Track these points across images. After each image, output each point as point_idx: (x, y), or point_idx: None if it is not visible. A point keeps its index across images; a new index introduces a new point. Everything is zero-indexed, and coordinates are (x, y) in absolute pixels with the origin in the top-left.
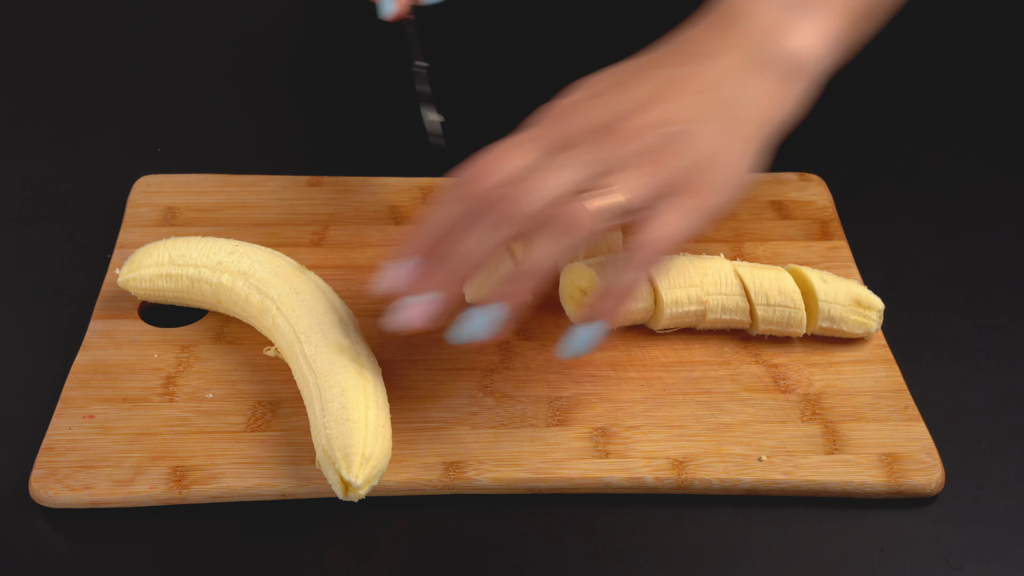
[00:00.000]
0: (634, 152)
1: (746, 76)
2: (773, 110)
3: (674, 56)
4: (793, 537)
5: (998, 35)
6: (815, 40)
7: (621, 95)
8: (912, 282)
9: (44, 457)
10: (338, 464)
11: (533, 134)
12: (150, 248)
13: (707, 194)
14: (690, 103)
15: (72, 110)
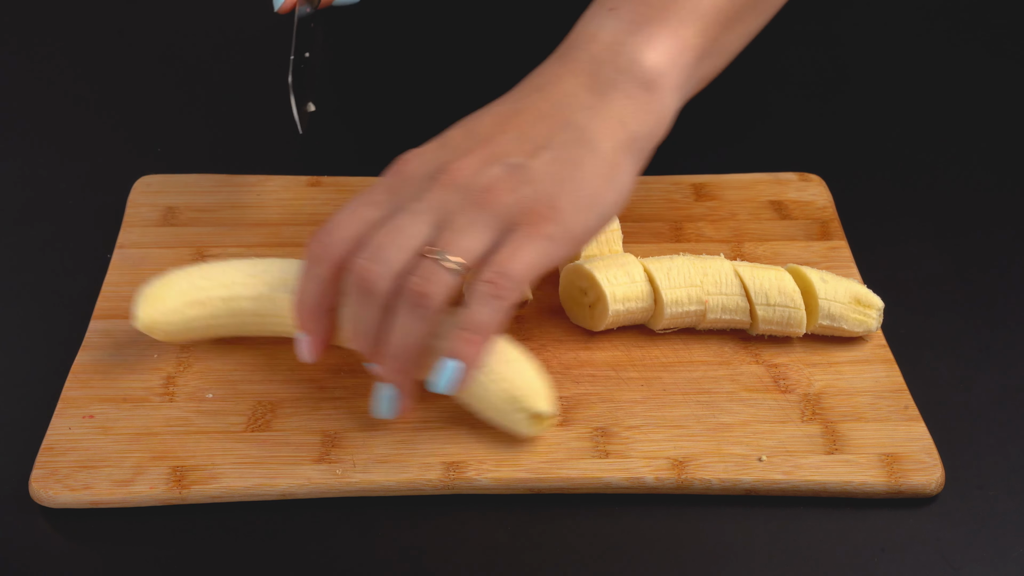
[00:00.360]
0: (467, 195)
1: (587, 97)
2: (623, 127)
3: (515, 93)
4: (793, 537)
5: (998, 35)
6: (660, 53)
7: (460, 138)
8: (912, 282)
9: (44, 457)
10: (527, 403)
11: (376, 189)
12: (161, 283)
13: (555, 221)
14: (523, 135)
15: (72, 110)
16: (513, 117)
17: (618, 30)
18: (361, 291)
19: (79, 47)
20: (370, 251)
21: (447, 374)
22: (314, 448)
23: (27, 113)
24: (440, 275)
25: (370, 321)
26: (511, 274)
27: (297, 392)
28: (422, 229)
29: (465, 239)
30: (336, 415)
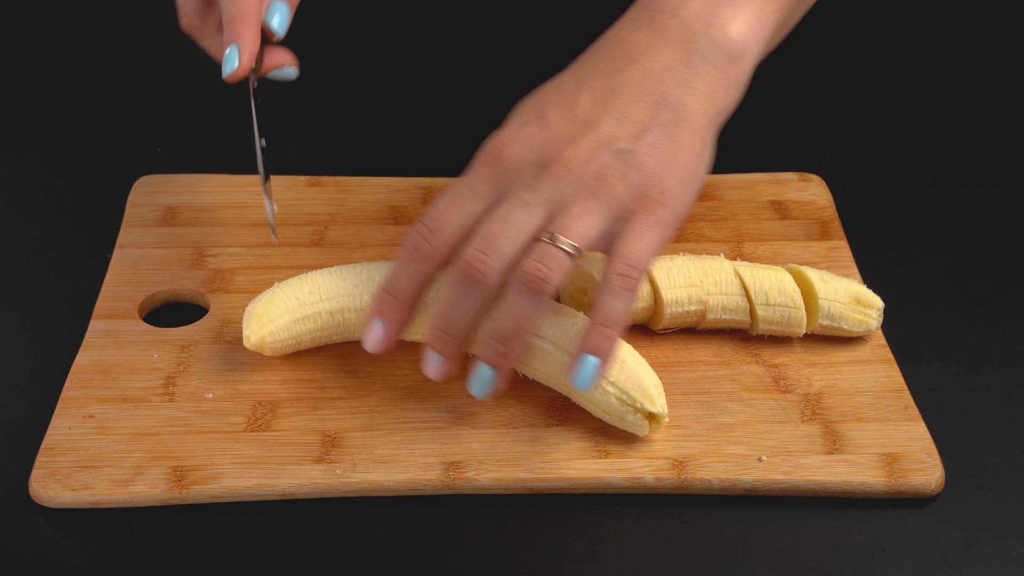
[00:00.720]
0: (580, 184)
1: (680, 71)
2: (714, 101)
3: (604, 62)
4: (793, 537)
5: (998, 35)
6: (746, 25)
7: (560, 118)
8: (912, 282)
9: (44, 457)
10: (639, 403)
11: (477, 177)
12: (267, 301)
13: (665, 204)
14: (626, 116)
15: (72, 110)
16: (611, 95)
17: (703, 3)
18: (471, 282)
19: (80, 47)
20: (482, 242)
21: (588, 370)
22: (314, 448)
23: (27, 113)
24: (558, 258)
25: (473, 312)
26: (640, 264)
27: (297, 392)
28: (534, 220)
29: (580, 226)
30: (336, 415)
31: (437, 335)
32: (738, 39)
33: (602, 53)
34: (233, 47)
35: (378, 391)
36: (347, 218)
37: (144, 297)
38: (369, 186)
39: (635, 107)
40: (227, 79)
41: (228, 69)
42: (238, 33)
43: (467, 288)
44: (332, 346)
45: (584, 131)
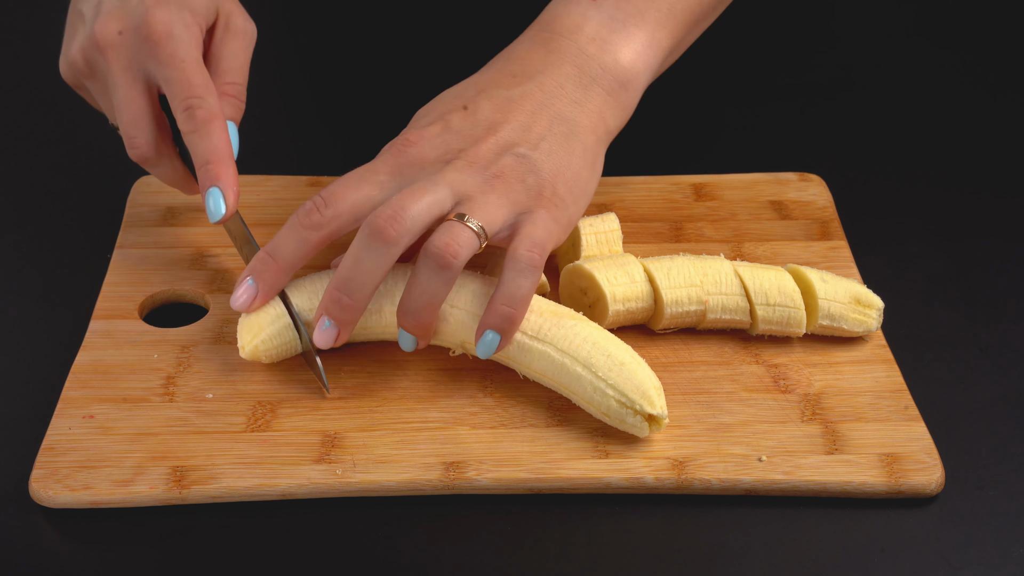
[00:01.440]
0: (483, 178)
1: (573, 91)
2: (603, 121)
3: (502, 76)
4: (793, 537)
5: (998, 35)
6: (636, 53)
7: (462, 122)
8: (912, 282)
9: (44, 457)
10: (639, 405)
11: (379, 165)
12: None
13: (559, 207)
14: (526, 123)
15: (72, 110)
16: (510, 104)
17: (601, 25)
18: (380, 239)
19: None
20: (394, 205)
21: (487, 345)
22: (314, 448)
23: (27, 113)
24: (466, 235)
25: (376, 274)
26: (543, 246)
27: (297, 392)
28: (442, 200)
29: (484, 213)
30: (336, 415)
31: (335, 296)
32: (628, 66)
33: (499, 68)
34: (215, 191)
35: (378, 391)
36: None
37: (144, 297)
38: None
39: (532, 118)
40: (217, 223)
41: (217, 214)
42: (218, 175)
43: (375, 245)
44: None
45: (486, 134)
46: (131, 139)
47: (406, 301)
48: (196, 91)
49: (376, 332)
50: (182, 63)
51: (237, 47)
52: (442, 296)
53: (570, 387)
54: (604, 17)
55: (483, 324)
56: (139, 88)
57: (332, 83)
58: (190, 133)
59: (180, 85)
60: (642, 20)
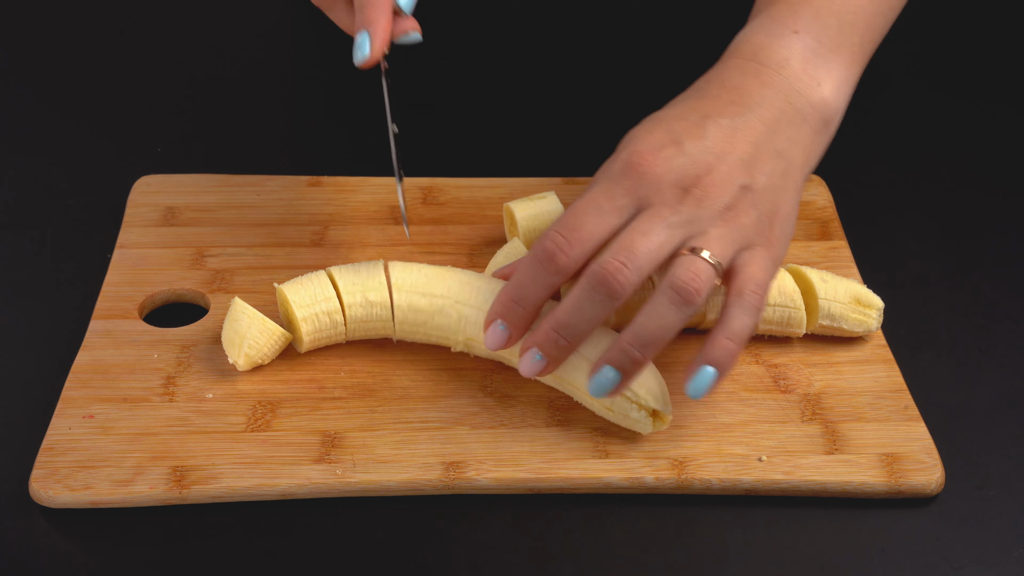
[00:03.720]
0: (716, 211)
1: (789, 127)
2: (808, 160)
3: (721, 104)
4: (793, 537)
5: (998, 35)
6: (837, 88)
7: (694, 146)
8: (912, 282)
9: (44, 457)
10: (644, 399)
11: (617, 187)
12: (227, 325)
13: (775, 245)
14: (752, 156)
15: (72, 110)
16: (735, 134)
17: (806, 60)
18: (606, 291)
19: (80, 47)
20: (622, 252)
21: (705, 380)
22: (314, 448)
23: (27, 113)
24: (708, 272)
25: (597, 321)
26: (766, 288)
27: (297, 392)
28: (674, 239)
29: (717, 247)
30: (336, 415)
31: (552, 337)
32: (831, 102)
33: (716, 95)
34: (364, 34)
35: (378, 391)
36: (347, 218)
37: (144, 297)
38: (369, 186)
39: (756, 151)
40: (359, 65)
41: (360, 56)
42: (370, 19)
43: (600, 296)
44: (332, 346)
45: (717, 162)
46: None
47: (638, 334)
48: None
49: (554, 379)
50: None
51: None
52: (674, 333)
53: (573, 382)
54: (807, 51)
55: (704, 358)
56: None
57: (333, 83)
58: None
59: None
60: (839, 53)
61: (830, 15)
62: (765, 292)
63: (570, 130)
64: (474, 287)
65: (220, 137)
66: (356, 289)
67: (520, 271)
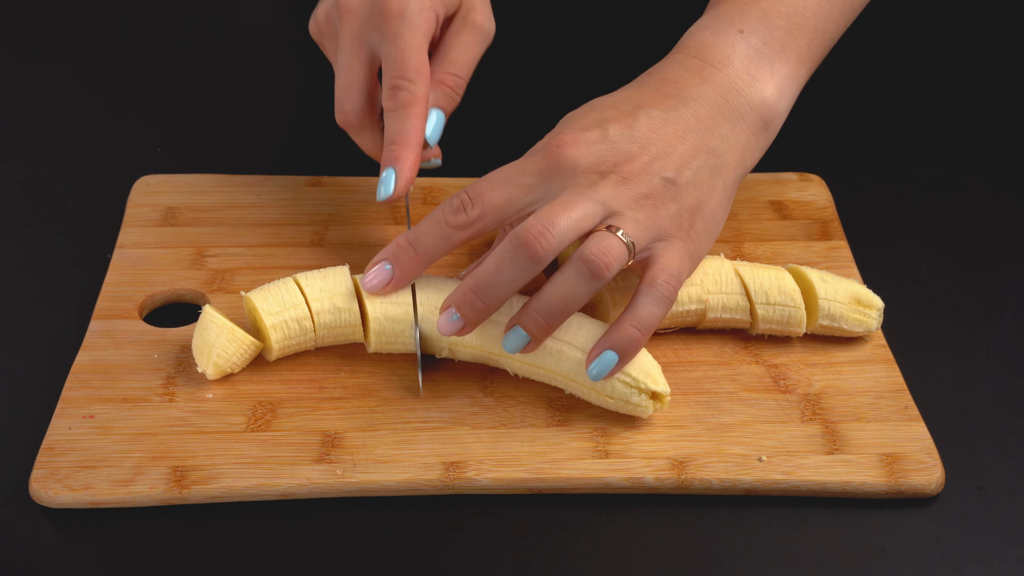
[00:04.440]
0: (633, 196)
1: (724, 125)
2: (745, 159)
3: (657, 96)
4: (793, 537)
5: (998, 35)
6: (780, 89)
7: (619, 134)
8: (912, 282)
9: (44, 457)
10: (643, 383)
11: (529, 166)
12: (196, 335)
13: (695, 240)
14: (679, 150)
15: (72, 110)
16: (666, 127)
17: (749, 59)
18: (528, 253)
19: (79, 47)
20: (545, 219)
21: (606, 364)
22: (314, 448)
23: (27, 113)
24: (620, 248)
25: (516, 284)
26: (680, 279)
27: (297, 392)
28: (593, 215)
29: (633, 230)
30: (336, 415)
31: (469, 297)
32: (772, 103)
33: (654, 87)
34: (391, 172)
35: (378, 391)
36: (347, 218)
37: (144, 297)
38: (369, 186)
39: (685, 145)
40: (381, 201)
41: (384, 193)
42: (398, 157)
43: (521, 258)
44: (332, 346)
45: (640, 152)
46: (340, 103)
47: (543, 302)
48: (407, 73)
49: (545, 373)
50: (404, 44)
51: (469, 41)
52: (580, 304)
53: (569, 374)
54: (751, 50)
55: (605, 343)
56: (361, 58)
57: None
58: (389, 111)
59: (395, 64)
60: (785, 54)
61: (778, 16)
62: (678, 283)
63: None
64: (446, 290)
65: (220, 137)
66: (324, 296)
67: (422, 220)
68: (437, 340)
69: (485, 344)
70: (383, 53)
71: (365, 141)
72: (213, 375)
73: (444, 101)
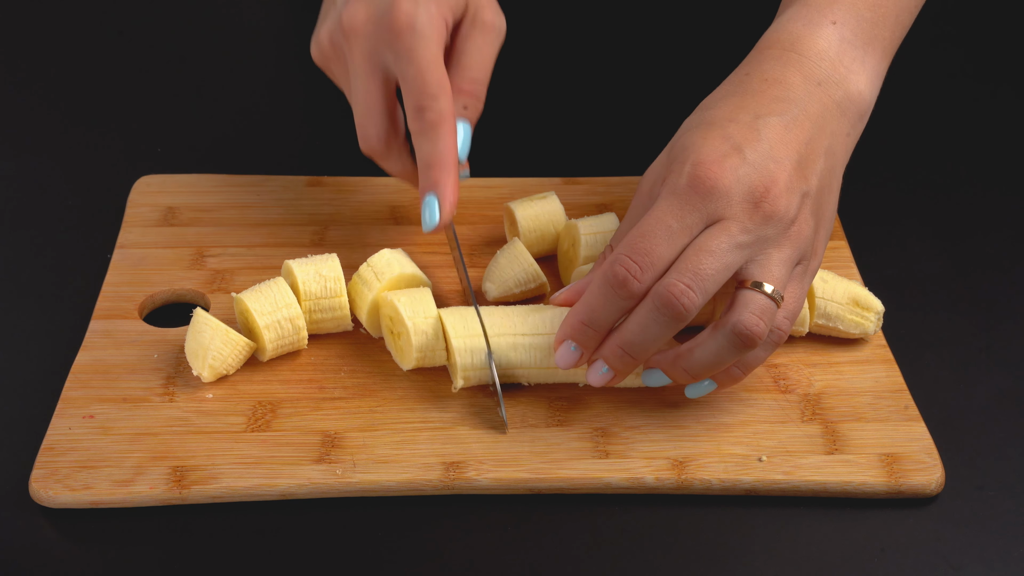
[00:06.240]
0: (781, 228)
1: (832, 121)
2: (849, 152)
3: (766, 100)
4: (793, 537)
5: (998, 35)
6: (869, 80)
7: (754, 153)
8: (912, 282)
9: (44, 457)
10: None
11: (686, 206)
12: (189, 339)
13: (819, 251)
14: (805, 157)
15: (72, 110)
16: (788, 134)
17: (843, 51)
18: (671, 314)
19: (79, 47)
20: (689, 275)
21: (703, 390)
22: (314, 448)
23: (27, 113)
24: (770, 311)
25: (658, 341)
26: (795, 319)
27: (297, 392)
28: (739, 259)
29: (778, 271)
30: (336, 415)
31: (618, 353)
32: (866, 94)
33: (759, 89)
34: (432, 197)
35: (378, 391)
36: (347, 218)
37: (144, 297)
38: (369, 186)
39: (809, 151)
40: (428, 232)
41: (431, 223)
42: (437, 181)
43: (665, 318)
44: (332, 346)
45: (777, 169)
46: (363, 130)
47: (692, 364)
48: (429, 90)
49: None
50: (420, 59)
51: (482, 42)
52: (724, 365)
53: None
54: (844, 42)
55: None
56: (377, 80)
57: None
58: (418, 134)
59: (414, 83)
60: (873, 46)
61: (865, 7)
62: (792, 323)
63: (570, 130)
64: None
65: (220, 137)
66: (310, 267)
67: (591, 293)
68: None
69: None
70: (399, 71)
71: (394, 166)
72: (209, 377)
73: (468, 111)
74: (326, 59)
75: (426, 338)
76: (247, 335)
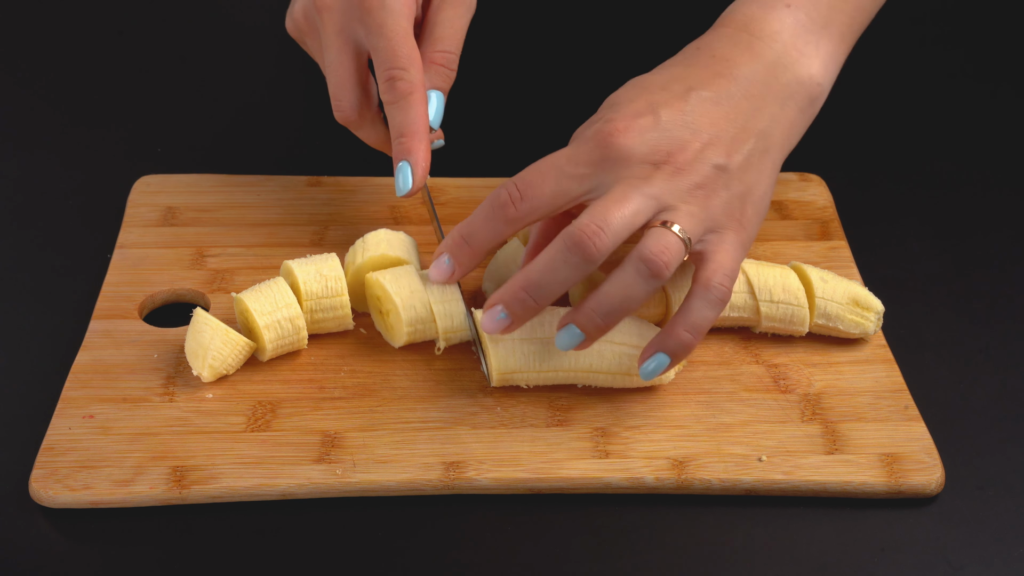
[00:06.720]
0: (686, 187)
1: (774, 104)
2: (791, 138)
3: (706, 75)
4: (793, 537)
5: (998, 34)
6: (824, 65)
7: (671, 120)
8: (912, 282)
9: (44, 457)
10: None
11: (581, 155)
12: (188, 338)
13: (746, 228)
14: (732, 134)
15: (72, 110)
16: (716, 108)
17: (797, 33)
18: (581, 253)
19: (79, 47)
20: (598, 216)
21: (658, 367)
22: (314, 448)
23: (27, 113)
24: (677, 245)
25: (568, 283)
26: (734, 277)
27: (297, 392)
28: (647, 209)
29: (687, 223)
30: (336, 415)
31: (520, 295)
32: (819, 79)
33: (704, 64)
34: (405, 164)
35: (378, 391)
36: (347, 218)
37: (144, 297)
38: (369, 186)
39: (733, 127)
40: (402, 196)
41: (404, 187)
42: (410, 149)
43: (575, 258)
44: (332, 346)
45: (692, 138)
46: (336, 101)
47: (601, 301)
48: (399, 62)
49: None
50: (390, 32)
51: (453, 14)
52: (640, 304)
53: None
54: (798, 25)
55: (656, 346)
56: (348, 52)
57: None
58: (389, 104)
59: (385, 55)
60: (829, 30)
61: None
62: (732, 281)
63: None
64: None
65: (220, 137)
66: (311, 267)
67: (475, 213)
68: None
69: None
70: (370, 45)
71: (368, 134)
72: (208, 377)
73: (440, 80)
74: (301, 33)
75: (415, 312)
76: (247, 335)
